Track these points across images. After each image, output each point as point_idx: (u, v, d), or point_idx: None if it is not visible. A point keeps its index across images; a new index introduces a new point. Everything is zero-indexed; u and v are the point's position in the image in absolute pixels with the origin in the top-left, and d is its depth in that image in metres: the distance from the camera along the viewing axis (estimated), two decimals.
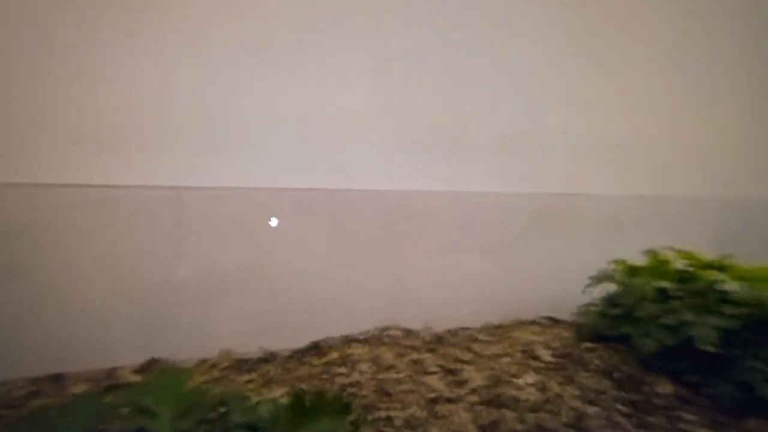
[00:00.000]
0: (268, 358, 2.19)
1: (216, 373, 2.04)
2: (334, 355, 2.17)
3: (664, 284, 2.21)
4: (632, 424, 1.73)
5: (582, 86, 3.06)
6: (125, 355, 2.10)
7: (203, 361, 2.13)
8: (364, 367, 2.04)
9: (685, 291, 2.18)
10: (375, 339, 2.33)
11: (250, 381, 1.98)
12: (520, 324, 2.60)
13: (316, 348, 2.27)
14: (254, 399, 1.64)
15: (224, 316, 2.30)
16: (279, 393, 1.85)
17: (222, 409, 1.30)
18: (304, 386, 1.92)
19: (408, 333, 2.42)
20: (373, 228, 2.55)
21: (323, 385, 1.92)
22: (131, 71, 2.16)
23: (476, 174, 2.76)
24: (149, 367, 2.09)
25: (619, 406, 1.83)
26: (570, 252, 2.91)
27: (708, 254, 2.38)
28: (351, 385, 1.91)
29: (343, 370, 2.03)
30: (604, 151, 3.10)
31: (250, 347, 2.25)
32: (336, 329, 2.39)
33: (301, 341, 2.30)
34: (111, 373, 2.02)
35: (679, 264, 2.39)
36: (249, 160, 2.36)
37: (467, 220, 2.72)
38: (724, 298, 2.04)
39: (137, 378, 1.99)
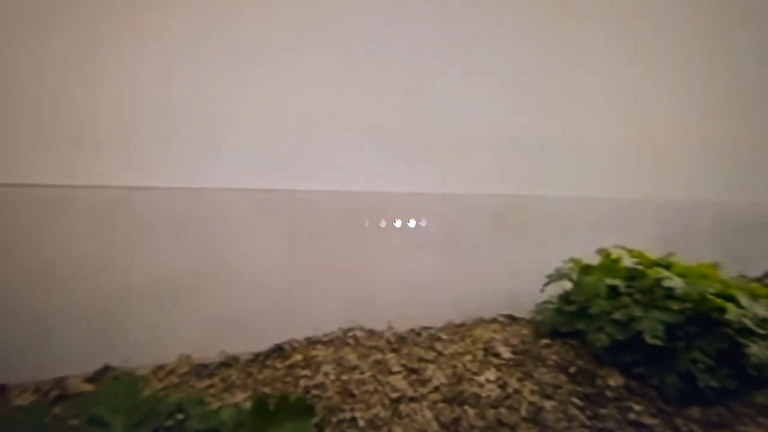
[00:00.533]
0: (229, 363, 2.14)
1: (174, 380, 1.98)
2: (298, 357, 2.15)
3: (615, 282, 2.32)
4: (586, 417, 1.82)
5: (537, 89, 3.17)
6: (75, 363, 2.00)
7: (160, 368, 2.06)
8: (328, 368, 2.03)
9: (634, 288, 2.30)
10: (339, 340, 2.33)
11: (210, 386, 1.93)
12: (481, 322, 2.66)
13: (279, 351, 2.24)
14: (215, 404, 1.60)
15: (183, 321, 2.23)
16: (241, 398, 1.82)
17: (180, 416, 1.26)
18: (267, 390, 1.89)
19: (371, 334, 2.43)
20: (336, 229, 2.55)
21: (287, 388, 1.90)
22: (81, 69, 2.06)
23: (436, 176, 2.81)
24: (102, 375, 2.00)
25: (574, 400, 1.91)
26: (528, 252, 3.01)
27: (654, 253, 2.52)
28: (315, 387, 1.90)
29: (306, 372, 2.02)
30: (558, 154, 3.22)
31: (211, 352, 2.19)
32: (299, 331, 2.37)
33: (264, 344, 2.27)
34: (59, 382, 1.91)
35: (629, 262, 2.51)
36: (206, 161, 2.30)
37: (428, 221, 2.76)
38: (669, 294, 2.16)
39: (89, 387, 1.90)
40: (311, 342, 2.31)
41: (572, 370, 2.09)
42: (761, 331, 2.15)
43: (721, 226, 3.91)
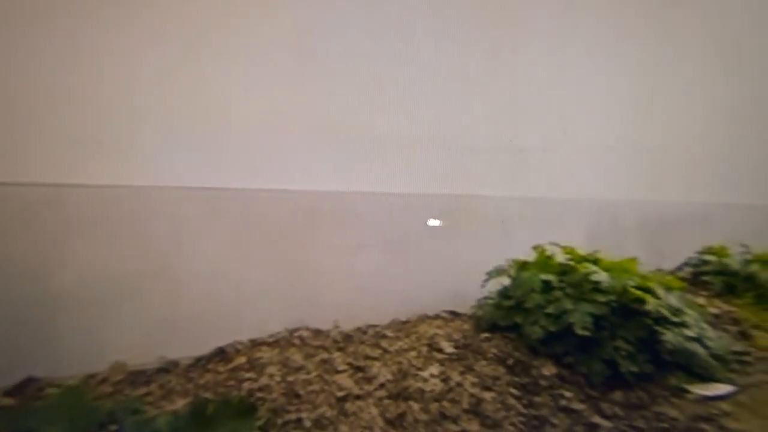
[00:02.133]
0: (167, 368, 2.06)
1: (108, 389, 1.88)
2: (242, 359, 2.11)
3: (549, 277, 2.47)
4: (522, 405, 1.92)
5: (477, 90, 3.29)
6: None
7: (91, 376, 1.95)
8: (273, 370, 2.01)
9: (565, 282, 2.45)
10: (284, 341, 2.31)
11: (147, 394, 1.86)
12: (426, 319, 2.73)
13: (222, 353, 2.19)
14: (152, 412, 1.55)
15: (118, 326, 2.12)
16: (181, 404, 1.76)
17: (112, 428, 1.21)
18: (208, 395, 1.84)
19: (318, 333, 2.42)
20: (282, 228, 2.52)
21: (229, 391, 1.87)
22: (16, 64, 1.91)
23: (383, 175, 2.84)
24: (25, 387, 1.86)
25: (512, 390, 2.01)
26: (470, 249, 3.12)
27: (584, 249, 2.70)
28: (259, 389, 1.88)
29: (251, 374, 1.99)
30: (498, 155, 3.36)
31: (148, 357, 2.10)
32: (243, 333, 2.32)
33: (206, 347, 2.20)
34: None
35: (562, 258, 2.68)
36: (146, 158, 2.20)
37: (375, 220, 2.80)
38: (596, 287, 2.33)
39: (9, 401, 1.77)
40: (256, 344, 2.28)
41: (510, 361, 2.20)
42: (675, 320, 2.37)
43: (641, 223, 4.24)
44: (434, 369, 2.11)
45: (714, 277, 3.69)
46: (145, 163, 2.21)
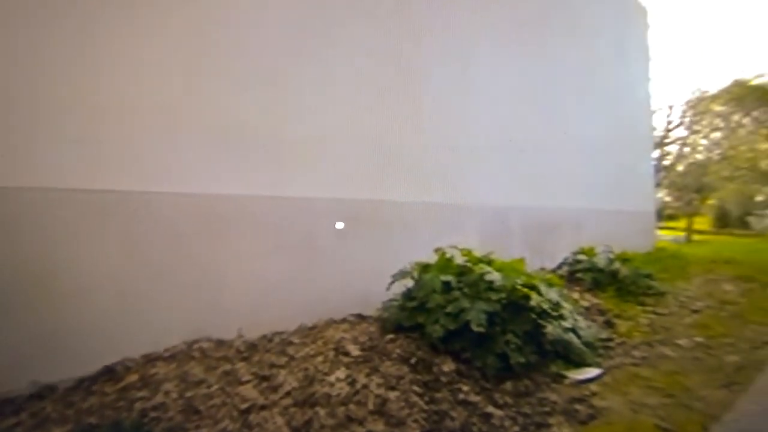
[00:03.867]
0: (42, 394, 1.83)
1: None
2: (133, 378, 1.94)
3: (449, 278, 2.64)
4: (424, 402, 2.03)
5: (388, 101, 3.39)
6: None
7: None
8: (169, 386, 1.89)
9: (463, 283, 2.64)
10: (183, 354, 2.17)
11: (16, 425, 1.63)
12: (333, 323, 2.75)
13: (110, 373, 1.99)
14: None
15: None
16: None
17: None
18: (92, 420, 1.68)
19: (220, 344, 2.32)
20: (179, 234, 2.36)
21: (118, 414, 1.71)
22: None
23: (289, 179, 2.81)
24: None
25: (415, 388, 2.11)
26: (375, 253, 3.21)
27: (479, 251, 2.92)
28: (153, 408, 1.75)
29: (143, 393, 1.84)
30: (402, 161, 3.49)
31: (18, 383, 1.84)
32: (136, 348, 2.14)
33: (91, 366, 1.99)
34: None
35: (460, 260, 2.87)
36: (20, 156, 1.94)
37: (279, 224, 2.75)
38: (490, 286, 2.54)
39: None
40: (150, 359, 2.11)
41: (413, 360, 2.30)
42: (554, 313, 2.67)
43: (527, 227, 4.71)
44: (341, 373, 2.14)
45: (585, 274, 4.23)
46: (20, 162, 1.94)
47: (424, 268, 2.78)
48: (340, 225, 3.03)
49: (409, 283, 2.76)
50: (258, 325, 2.51)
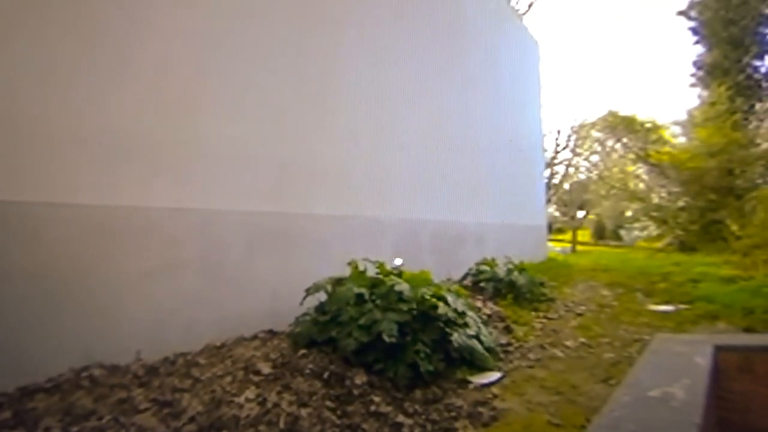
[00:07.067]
0: None
1: None
2: (5, 415, 1.69)
3: (362, 290, 2.67)
4: (337, 416, 2.02)
5: (300, 114, 3.38)
6: None
7: None
8: (51, 421, 1.67)
9: (376, 294, 2.69)
10: (69, 384, 1.92)
11: None
12: (243, 341, 2.63)
13: None
14: None
15: None
16: None
17: None
18: None
19: (114, 370, 2.10)
20: (62, 249, 2.12)
21: None
22: None
23: (191, 190, 2.65)
24: None
25: (327, 403, 2.10)
26: (289, 267, 3.15)
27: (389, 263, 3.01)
28: None
29: None
30: (316, 175, 3.49)
31: None
32: (10, 380, 1.85)
33: None
34: None
35: (373, 272, 2.93)
36: None
37: (184, 238, 2.58)
38: (401, 297, 2.62)
39: None
40: (27, 392, 1.84)
41: (326, 375, 2.29)
42: (460, 321, 2.82)
43: (437, 239, 4.95)
44: (250, 392, 2.05)
45: (487, 283, 4.53)
46: None
47: (338, 281, 2.79)
48: (252, 239, 2.93)
49: (323, 296, 2.74)
50: (160, 347, 2.32)
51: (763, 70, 13.43)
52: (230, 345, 2.57)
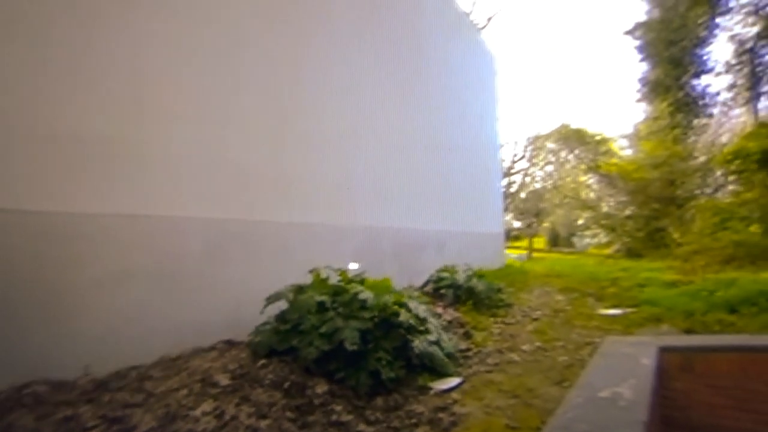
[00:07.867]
0: None
1: None
2: None
3: (324, 298, 2.65)
4: (297, 427, 2.00)
5: (261, 122, 3.34)
6: None
7: None
8: None
9: (338, 302, 2.68)
10: (9, 401, 1.80)
11: None
12: (200, 352, 2.54)
13: None
14: None
15: None
16: None
17: None
18: None
19: (60, 386, 1.98)
20: (14, 255, 1.99)
21: None
22: None
23: (145, 195, 2.55)
24: None
25: (288, 413, 2.07)
26: (249, 275, 3.07)
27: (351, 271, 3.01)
28: None
29: None
30: (277, 182, 3.45)
31: None
32: None
33: None
34: None
35: (335, 280, 2.92)
36: None
37: (137, 246, 2.47)
38: (363, 305, 2.63)
39: None
40: None
41: (286, 385, 2.25)
42: (421, 328, 2.86)
43: (398, 247, 4.99)
44: (207, 405, 1.99)
45: (447, 290, 4.60)
46: None
47: (300, 289, 2.76)
48: (210, 246, 2.85)
49: (284, 305, 2.70)
50: (110, 360, 2.20)
51: (699, 88, 14.52)
52: (187, 356, 2.48)
